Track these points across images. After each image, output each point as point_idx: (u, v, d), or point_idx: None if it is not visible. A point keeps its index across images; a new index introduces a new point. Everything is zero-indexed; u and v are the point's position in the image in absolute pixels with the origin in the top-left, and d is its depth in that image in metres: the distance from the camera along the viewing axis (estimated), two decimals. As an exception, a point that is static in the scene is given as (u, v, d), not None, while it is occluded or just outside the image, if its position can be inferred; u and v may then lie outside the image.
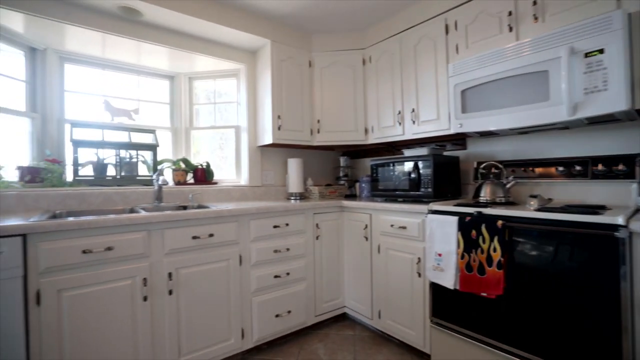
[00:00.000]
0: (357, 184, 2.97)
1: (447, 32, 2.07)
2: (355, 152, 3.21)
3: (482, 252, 1.53)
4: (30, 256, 1.33)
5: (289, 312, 2.11)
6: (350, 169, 3.14)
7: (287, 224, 2.12)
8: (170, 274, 1.66)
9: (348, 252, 2.42)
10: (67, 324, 1.40)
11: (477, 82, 1.82)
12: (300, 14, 2.45)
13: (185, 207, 2.15)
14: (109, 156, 2.31)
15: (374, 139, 2.63)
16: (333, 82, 2.70)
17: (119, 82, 2.62)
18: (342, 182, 3.07)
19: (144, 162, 2.43)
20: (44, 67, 2.26)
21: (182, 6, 2.13)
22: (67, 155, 2.27)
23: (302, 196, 2.69)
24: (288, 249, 2.11)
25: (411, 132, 2.31)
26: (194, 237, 1.73)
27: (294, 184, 2.64)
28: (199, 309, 1.76)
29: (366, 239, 2.25)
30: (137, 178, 2.36)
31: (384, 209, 2.11)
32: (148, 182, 2.33)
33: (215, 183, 2.59)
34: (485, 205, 1.71)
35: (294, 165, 2.64)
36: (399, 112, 2.38)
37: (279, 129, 2.49)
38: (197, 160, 2.72)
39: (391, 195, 2.28)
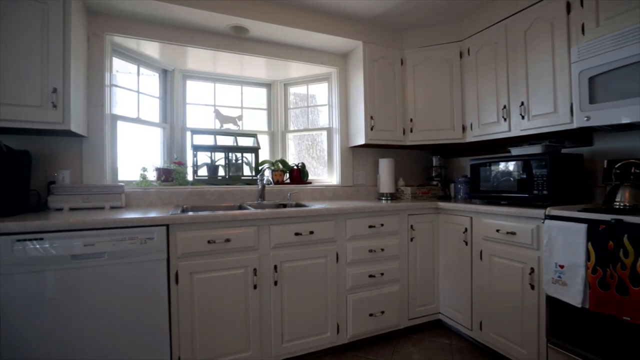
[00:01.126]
0: (452, 185, 2.79)
1: (569, 10, 1.80)
2: (449, 151, 3.03)
3: (624, 267, 1.29)
4: (172, 243, 1.60)
5: (382, 312, 2.11)
6: (443, 169, 2.97)
7: (382, 225, 2.11)
8: (275, 267, 1.81)
9: (444, 256, 2.30)
10: (196, 301, 1.65)
11: (612, 66, 1.55)
12: (391, 13, 2.42)
13: (284, 205, 2.32)
14: (219, 158, 2.63)
15: (472, 137, 2.44)
16: (427, 79, 2.60)
17: (225, 93, 2.96)
18: (434, 182, 2.93)
19: (247, 163, 2.69)
20: (172, 84, 2.69)
21: (282, 19, 2.30)
22: (187, 158, 2.66)
23: (394, 197, 2.65)
24: (382, 249, 2.10)
25: (519, 128, 2.08)
26: (296, 234, 1.85)
27: (385, 184, 2.62)
28: (299, 300, 1.88)
29: (466, 243, 2.10)
30: (242, 178, 2.63)
31: (488, 212, 1.95)
32: (250, 182, 2.58)
33: (310, 183, 2.73)
34: (623, 211, 1.44)
35: (385, 166, 2.62)
36: (504, 107, 2.17)
37: (371, 129, 2.50)
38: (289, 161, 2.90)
39: (495, 197, 2.09)
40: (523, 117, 2.04)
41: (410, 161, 3.08)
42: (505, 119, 2.17)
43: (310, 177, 2.91)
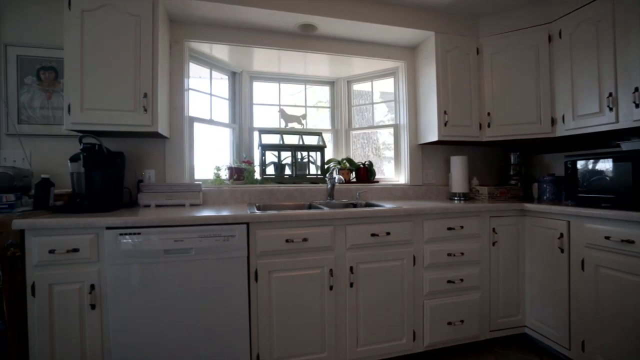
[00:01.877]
0: (535, 185, 2.52)
1: None
2: (530, 147, 2.74)
3: None
4: (251, 241, 1.63)
5: (462, 321, 1.95)
6: (522, 167, 2.70)
7: (461, 227, 1.96)
8: (351, 268, 1.76)
9: (531, 264, 2.07)
10: (274, 299, 1.66)
11: None
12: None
13: (354, 205, 2.26)
14: (285, 157, 2.65)
15: (564, 130, 2.17)
16: (506, 68, 2.36)
17: (289, 92, 2.99)
18: (512, 181, 2.67)
19: (313, 162, 2.68)
20: (240, 86, 2.77)
21: (351, 13, 2.24)
22: (254, 157, 2.72)
23: (467, 197, 2.46)
24: (462, 254, 1.95)
25: (631, 118, 1.79)
26: (373, 235, 1.78)
27: (458, 183, 2.44)
28: (374, 304, 1.80)
29: (561, 250, 1.87)
30: (307, 176, 2.62)
31: (592, 215, 1.70)
32: (315, 180, 2.56)
33: (377, 182, 2.64)
34: None
35: (458, 163, 2.44)
36: (610, 95, 1.88)
37: (445, 125, 2.34)
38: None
39: (597, 199, 1.82)
40: (638, 106, 1.75)
41: (484, 159, 2.84)
42: (611, 109, 1.88)
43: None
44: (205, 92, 2.56)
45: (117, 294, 1.49)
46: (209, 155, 2.57)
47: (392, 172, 2.83)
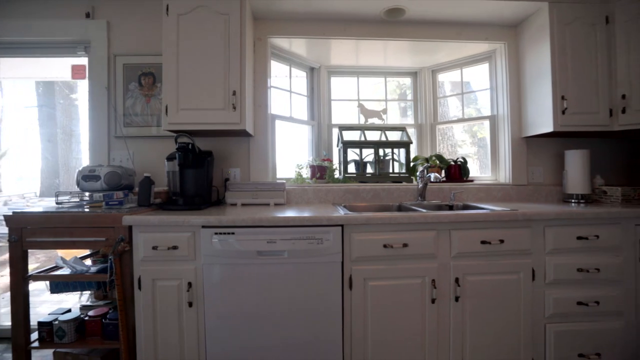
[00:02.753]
0: (689, 185, 1.98)
1: None
2: (676, 137, 2.18)
3: None
4: (346, 244, 1.49)
5: (598, 355, 1.59)
6: (665, 163, 2.16)
7: (596, 236, 1.59)
8: (457, 279, 1.52)
9: (695, 287, 1.61)
10: (370, 309, 1.50)
11: None
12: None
13: (451, 207, 2.01)
14: (367, 155, 2.49)
15: None
16: (650, 38, 1.89)
17: (369, 86, 2.82)
18: (652, 181, 2.15)
19: (397, 159, 2.47)
20: (318, 82, 2.68)
21: (446, -9, 1.99)
22: (334, 155, 2.61)
23: (589, 199, 2.03)
24: (597, 270, 1.58)
25: None
26: (483, 242, 1.53)
27: (576, 182, 2.03)
28: (484, 322, 1.55)
29: None
30: (390, 175, 2.42)
31: None
32: (398, 179, 2.35)
33: (471, 181, 2.34)
34: None
35: (576, 159, 2.03)
36: None
37: (562, 113, 1.96)
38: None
39: None
40: None
41: (608, 153, 2.34)
42: None
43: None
44: (285, 89, 2.52)
45: (212, 293, 1.48)
46: (289, 153, 2.53)
47: (475, 171, 2.49)
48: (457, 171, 2.33)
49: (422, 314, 1.52)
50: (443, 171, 2.38)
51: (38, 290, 2.84)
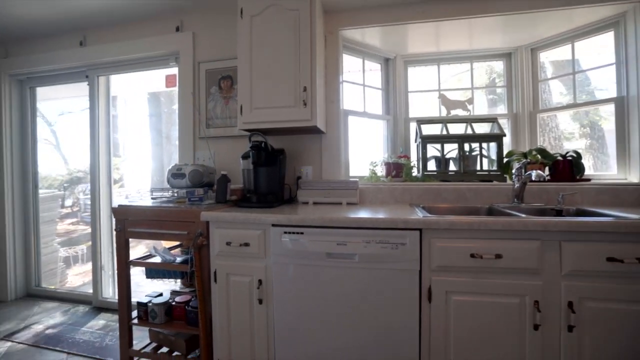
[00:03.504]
0: None
1: None
2: None
3: None
4: (424, 251, 1.32)
5: None
6: None
7: None
8: (570, 304, 1.21)
9: None
10: (453, 327, 1.30)
11: None
12: None
13: (559, 212, 1.64)
14: (449, 150, 2.22)
15: None
16: None
17: (450, 76, 2.52)
18: None
19: (486, 155, 2.15)
20: (393, 73, 2.49)
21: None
22: (411, 151, 2.40)
23: None
24: None
25: None
26: (610, 259, 1.18)
27: None
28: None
29: None
30: (478, 173, 2.11)
31: None
32: (488, 177, 2.03)
33: (587, 180, 1.89)
34: None
35: None
36: None
37: None
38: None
39: None
40: None
41: None
42: None
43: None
44: (358, 83, 2.41)
45: (281, 292, 1.45)
46: (362, 150, 2.41)
47: (588, 168, 1.99)
48: (566, 168, 1.91)
49: (520, 342, 1.25)
50: (547, 168, 1.98)
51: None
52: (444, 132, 2.23)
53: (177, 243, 1.99)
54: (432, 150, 2.24)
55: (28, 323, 2.42)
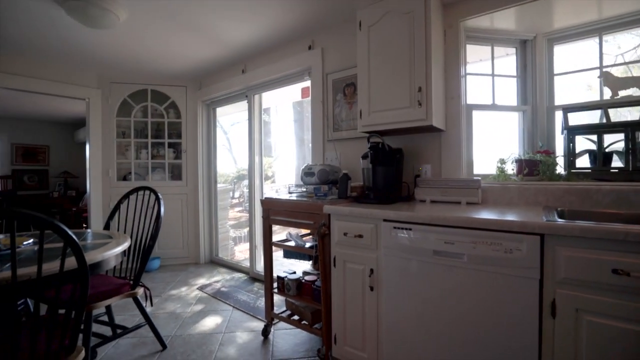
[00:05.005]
0: None
1: None
2: None
3: None
4: (547, 260, 1.18)
5: None
6: None
7: None
8: None
9: None
10: (584, 351, 1.12)
11: None
12: None
13: None
14: (611, 143, 1.80)
15: None
16: None
17: (619, 47, 2.00)
18: None
19: (672, 147, 1.64)
20: (532, 56, 2.17)
21: None
22: (556, 145, 2.05)
23: None
24: None
25: None
26: None
27: None
28: None
29: None
30: (657, 171, 1.63)
31: None
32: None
33: None
34: None
35: None
36: None
37: None
38: None
39: None
40: None
41: None
42: None
43: None
44: (486, 73, 2.22)
45: (389, 282, 1.56)
46: (491, 147, 2.22)
47: None
48: None
49: (694, 388, 0.97)
50: None
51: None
52: (604, 121, 1.82)
53: (308, 231, 2.36)
54: (585, 143, 1.87)
55: (211, 281, 3.33)
